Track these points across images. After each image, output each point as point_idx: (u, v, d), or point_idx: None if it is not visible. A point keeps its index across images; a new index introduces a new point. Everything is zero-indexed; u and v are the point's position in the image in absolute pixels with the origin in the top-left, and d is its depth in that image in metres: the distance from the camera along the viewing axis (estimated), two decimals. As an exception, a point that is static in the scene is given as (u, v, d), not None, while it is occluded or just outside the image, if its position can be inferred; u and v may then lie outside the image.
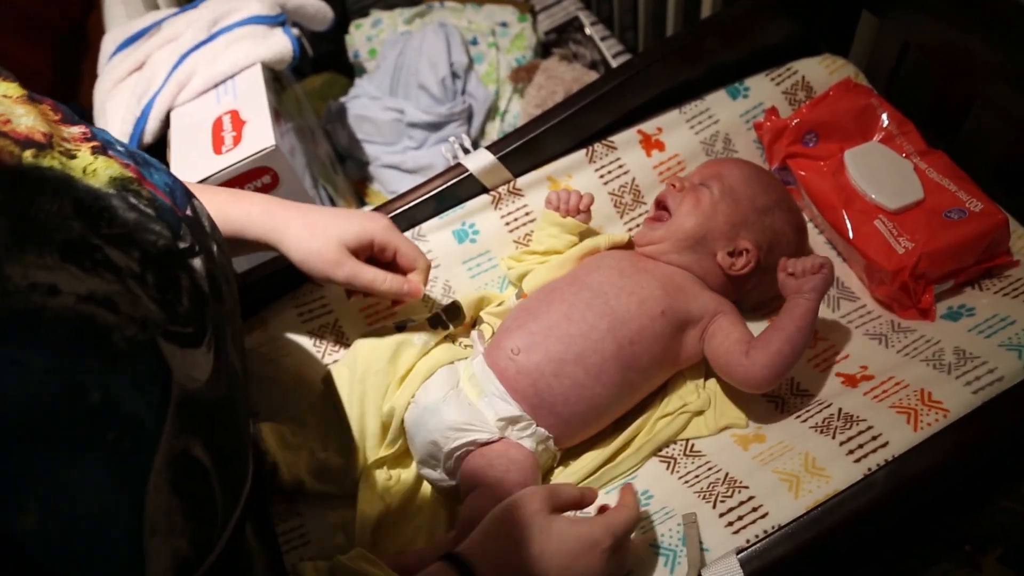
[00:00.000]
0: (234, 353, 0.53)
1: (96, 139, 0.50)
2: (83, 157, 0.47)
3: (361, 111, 1.29)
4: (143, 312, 0.42)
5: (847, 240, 0.83)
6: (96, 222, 0.42)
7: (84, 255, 0.40)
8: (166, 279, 0.45)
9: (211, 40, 1.03)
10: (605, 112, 0.91)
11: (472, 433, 0.70)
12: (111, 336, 0.39)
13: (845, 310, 0.85)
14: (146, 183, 0.50)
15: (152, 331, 0.42)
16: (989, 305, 0.77)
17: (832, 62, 0.95)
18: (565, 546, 0.58)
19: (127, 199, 0.46)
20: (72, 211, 0.41)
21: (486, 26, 1.41)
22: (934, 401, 0.67)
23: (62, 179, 0.43)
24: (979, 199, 0.80)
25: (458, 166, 0.88)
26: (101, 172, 0.46)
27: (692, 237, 0.79)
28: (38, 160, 0.43)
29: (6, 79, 0.48)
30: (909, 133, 0.88)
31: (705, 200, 0.79)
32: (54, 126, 0.47)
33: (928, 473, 0.62)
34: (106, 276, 0.40)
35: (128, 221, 0.44)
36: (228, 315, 0.53)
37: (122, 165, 0.49)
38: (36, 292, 0.36)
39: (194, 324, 0.46)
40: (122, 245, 0.43)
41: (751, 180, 0.82)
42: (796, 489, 0.66)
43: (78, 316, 0.38)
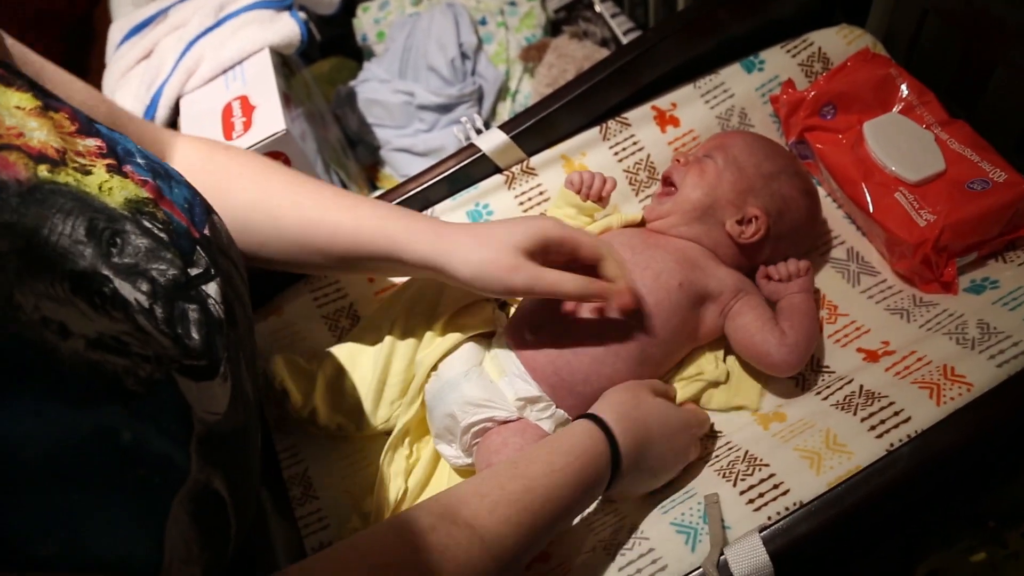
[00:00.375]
0: (247, 379, 0.53)
1: (113, 154, 0.49)
2: (98, 174, 0.46)
3: (371, 95, 1.29)
4: (155, 348, 0.41)
5: (867, 214, 0.82)
6: (107, 248, 0.42)
7: (93, 288, 0.40)
8: (175, 313, 0.44)
9: (218, 26, 1.02)
10: (618, 88, 0.90)
11: (490, 410, 0.70)
12: (123, 382, 0.39)
13: (866, 285, 0.84)
14: (163, 202, 0.49)
15: (167, 366, 0.42)
16: (1013, 277, 0.75)
17: (849, 32, 0.94)
18: (671, 420, 0.67)
19: (141, 223, 0.46)
20: (84, 234, 0.41)
21: (494, 5, 1.39)
22: (957, 375, 0.66)
23: (77, 197, 0.42)
24: (1003, 169, 0.79)
25: (471, 146, 0.87)
26: (116, 192, 0.46)
27: (699, 207, 0.79)
28: (54, 175, 0.42)
29: (20, 89, 0.47)
30: (929, 103, 0.87)
31: (710, 170, 0.79)
32: (68, 139, 0.47)
33: (953, 448, 0.61)
34: (115, 315, 0.40)
35: (140, 248, 0.44)
36: (242, 339, 0.53)
37: (138, 183, 0.48)
38: (48, 330, 0.36)
39: (207, 356, 0.46)
40: (131, 277, 0.42)
41: (754, 148, 0.81)
42: (818, 466, 0.65)
43: (88, 366, 0.37)
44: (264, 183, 0.68)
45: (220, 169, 0.68)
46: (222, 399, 0.46)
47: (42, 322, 0.36)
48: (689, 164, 0.81)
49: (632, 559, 0.65)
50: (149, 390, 0.40)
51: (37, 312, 0.36)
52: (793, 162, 0.84)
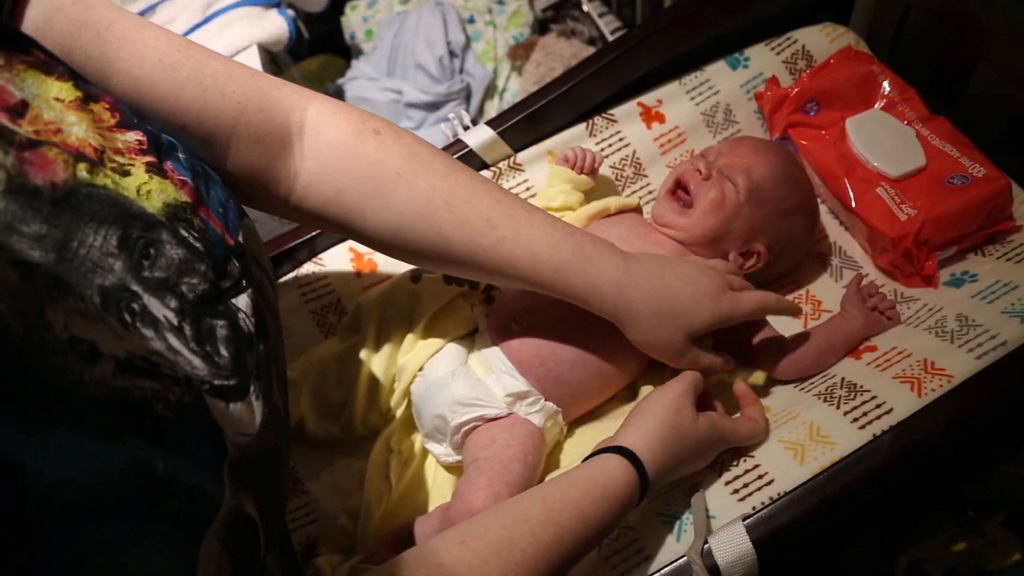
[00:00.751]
0: (279, 394, 0.51)
1: (155, 148, 0.47)
2: (137, 174, 0.44)
3: (359, 92, 1.29)
4: (185, 369, 0.40)
5: (849, 209, 0.83)
6: (139, 260, 0.41)
7: (124, 303, 0.39)
8: (203, 329, 0.43)
9: (206, 23, 1.02)
10: (604, 85, 0.90)
11: (480, 408, 0.70)
12: (154, 408, 0.37)
13: (848, 279, 0.85)
14: (201, 208, 0.47)
15: (197, 389, 0.40)
16: (992, 271, 0.77)
17: (832, 30, 0.95)
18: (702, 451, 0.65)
19: (177, 231, 0.44)
20: (116, 245, 0.40)
21: (482, 4, 1.40)
22: (937, 369, 0.67)
23: (113, 203, 0.41)
24: (982, 164, 0.80)
25: (458, 142, 0.88)
26: (155, 196, 0.44)
27: (710, 237, 0.78)
28: (93, 177, 0.41)
29: (60, 77, 0.44)
30: (911, 100, 0.88)
31: (730, 200, 0.77)
32: (108, 135, 0.44)
33: (933, 436, 0.62)
34: (145, 333, 0.39)
35: (173, 260, 0.42)
36: (272, 352, 0.51)
37: (178, 185, 0.46)
38: (75, 355, 0.34)
39: (237, 375, 0.44)
40: (160, 292, 0.41)
41: (779, 181, 0.79)
42: (802, 457, 0.66)
43: (116, 395, 0.36)
44: (430, 192, 0.60)
45: (373, 163, 0.59)
46: (254, 419, 0.44)
47: (70, 344, 0.34)
48: (711, 181, 0.77)
49: (617, 549, 0.65)
50: (179, 415, 0.38)
51: (66, 332, 0.34)
52: (810, 197, 0.83)
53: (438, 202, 0.60)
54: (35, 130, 0.40)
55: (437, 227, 0.60)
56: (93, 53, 0.48)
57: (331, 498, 0.77)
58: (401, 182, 0.59)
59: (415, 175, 0.59)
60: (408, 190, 0.59)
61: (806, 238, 0.83)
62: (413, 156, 0.60)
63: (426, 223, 0.60)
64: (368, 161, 0.59)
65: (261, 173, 0.58)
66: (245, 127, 0.55)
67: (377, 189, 0.59)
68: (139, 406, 0.37)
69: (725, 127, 0.94)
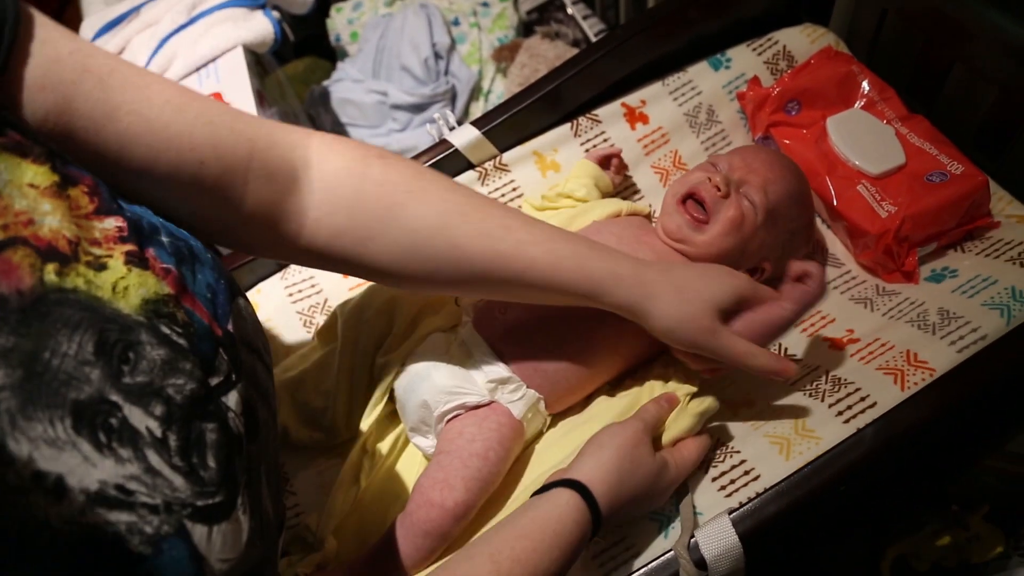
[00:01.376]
0: (267, 496, 0.48)
1: (135, 235, 0.44)
2: (115, 268, 0.41)
3: (344, 94, 1.29)
4: (165, 493, 0.38)
5: (831, 207, 0.84)
6: (119, 366, 0.38)
7: (100, 420, 0.36)
8: (191, 437, 0.40)
9: (191, 23, 1.02)
10: (589, 85, 0.91)
11: (462, 396, 0.70)
12: (127, 544, 0.35)
13: (830, 276, 0.86)
14: (185, 297, 0.44)
15: (178, 515, 0.38)
16: (971, 266, 0.78)
17: (813, 31, 0.96)
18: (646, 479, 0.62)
19: (158, 329, 0.41)
20: (92, 353, 0.37)
21: (467, 6, 1.41)
22: (920, 361, 0.68)
23: (86, 307, 0.38)
24: (960, 162, 0.81)
25: (443, 142, 0.88)
26: (133, 292, 0.41)
27: (724, 258, 0.76)
28: (62, 280, 0.38)
29: (37, 160, 0.41)
30: (890, 99, 0.89)
31: (748, 222, 0.75)
32: (85, 224, 0.42)
33: (915, 428, 0.63)
34: (122, 453, 0.36)
35: (155, 362, 0.40)
36: (263, 449, 0.49)
37: (160, 275, 0.43)
38: (39, 491, 0.32)
39: (225, 489, 0.41)
40: (143, 399, 0.38)
41: (793, 200, 0.78)
42: (787, 451, 0.66)
43: (85, 534, 0.33)
44: (442, 205, 0.59)
45: (381, 183, 0.59)
46: (239, 538, 0.42)
47: (34, 479, 0.32)
48: (728, 199, 0.75)
49: (605, 547, 0.66)
50: (157, 549, 0.36)
51: (29, 467, 0.32)
52: (813, 212, 0.84)
53: (452, 213, 0.59)
54: (3, 224, 0.37)
55: (453, 239, 0.59)
56: (99, 97, 0.47)
57: (320, 500, 0.76)
58: (412, 199, 0.58)
59: (425, 191, 0.59)
60: (420, 206, 0.59)
61: (804, 248, 0.84)
62: (420, 175, 0.60)
63: (442, 237, 0.59)
64: (376, 183, 0.58)
65: (274, 211, 0.57)
66: (259, 163, 0.54)
67: (389, 209, 0.58)
68: (112, 543, 0.34)
69: (708, 127, 0.94)
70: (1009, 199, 0.83)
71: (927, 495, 0.86)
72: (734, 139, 0.95)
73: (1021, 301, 0.70)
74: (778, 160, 0.81)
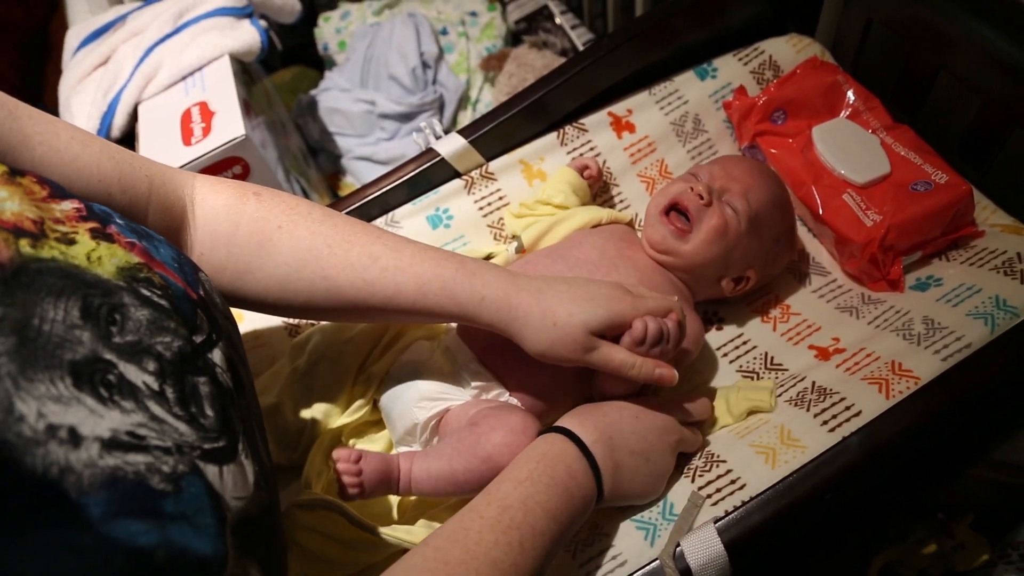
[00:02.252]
0: (263, 449, 0.49)
1: (93, 215, 0.45)
2: (83, 242, 0.42)
3: (332, 103, 1.29)
4: (173, 437, 0.39)
5: (817, 215, 0.84)
6: (107, 328, 0.39)
7: (98, 377, 0.37)
8: (186, 389, 0.42)
9: (177, 32, 1.02)
10: (575, 94, 0.91)
11: (447, 401, 0.70)
12: (149, 482, 0.36)
13: (816, 284, 0.86)
14: (156, 264, 0.45)
15: (190, 456, 0.39)
16: (956, 275, 0.78)
17: (798, 41, 0.96)
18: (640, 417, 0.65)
19: (139, 291, 0.42)
20: (79, 316, 0.38)
21: (455, 16, 1.41)
22: (905, 370, 0.69)
23: (66, 274, 0.38)
24: (944, 171, 0.82)
25: (430, 151, 0.88)
26: (107, 261, 0.42)
27: (709, 267, 0.77)
28: (38, 251, 0.38)
29: None
30: (875, 109, 0.90)
31: (732, 229, 0.76)
32: (44, 206, 0.42)
33: (900, 437, 0.63)
34: (125, 405, 0.37)
35: (141, 322, 0.41)
36: (250, 406, 0.50)
37: (126, 247, 0.44)
38: (55, 440, 0.33)
39: (226, 435, 0.43)
40: (136, 357, 0.39)
41: (774, 207, 0.79)
42: (773, 460, 0.66)
43: (109, 475, 0.34)
44: (310, 239, 0.61)
45: (255, 220, 0.61)
46: (247, 479, 0.43)
47: (48, 432, 0.33)
48: (712, 208, 0.76)
49: (592, 555, 0.65)
50: (177, 486, 0.37)
51: (42, 420, 0.33)
52: (794, 218, 0.84)
53: (320, 246, 0.61)
54: None
55: (323, 271, 0.61)
56: (10, 127, 0.48)
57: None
58: (283, 233, 0.61)
59: (295, 225, 0.61)
60: (290, 239, 0.61)
61: (788, 255, 0.84)
62: (292, 209, 0.62)
63: (311, 269, 0.61)
64: (251, 219, 0.61)
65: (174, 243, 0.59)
66: (156, 198, 0.57)
67: (262, 244, 0.61)
68: (135, 483, 0.35)
69: (694, 136, 0.95)
70: (993, 208, 0.84)
71: (913, 504, 0.86)
72: (720, 148, 0.95)
73: (1005, 310, 0.70)
74: (757, 167, 0.82)
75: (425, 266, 0.62)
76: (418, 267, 0.62)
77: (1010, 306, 0.70)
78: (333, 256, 0.61)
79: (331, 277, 0.61)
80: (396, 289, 0.61)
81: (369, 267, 0.61)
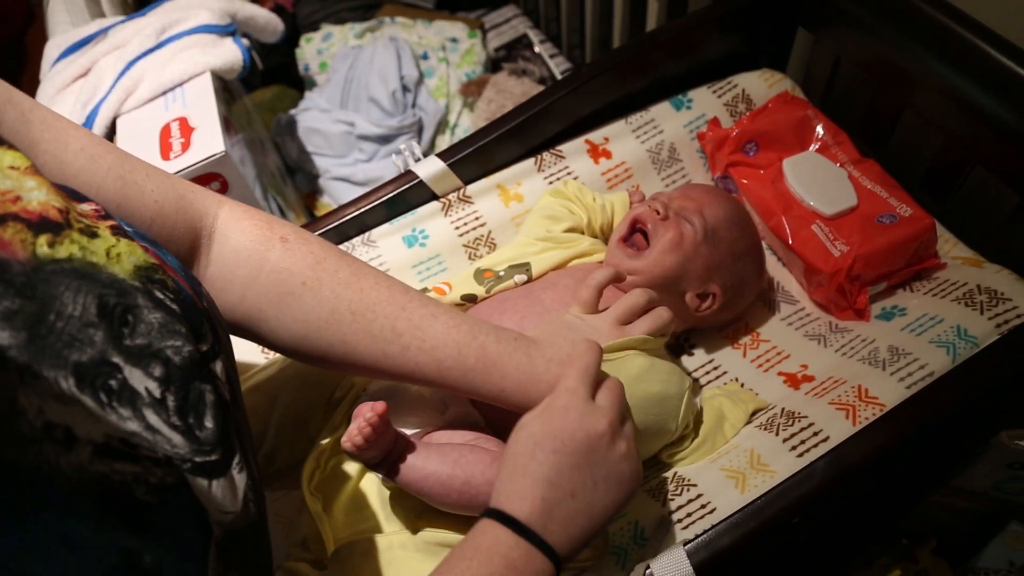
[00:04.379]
0: (253, 459, 0.49)
1: (111, 217, 0.44)
2: (104, 236, 0.42)
3: (311, 124, 1.29)
4: (165, 448, 0.38)
5: (786, 245, 0.86)
6: (119, 330, 0.38)
7: (100, 381, 0.37)
8: (189, 397, 0.41)
9: (159, 48, 1.02)
10: (553, 121, 0.93)
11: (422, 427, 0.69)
12: (134, 493, 0.36)
13: (785, 313, 0.88)
14: (168, 269, 0.45)
15: (178, 469, 0.39)
16: (919, 305, 0.80)
17: (770, 76, 0.99)
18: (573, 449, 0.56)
19: (153, 293, 0.42)
20: (96, 314, 0.38)
21: (436, 41, 1.43)
22: (871, 397, 0.70)
23: (82, 275, 0.38)
24: (908, 205, 0.84)
25: (408, 173, 0.88)
26: (125, 258, 0.42)
27: (669, 277, 0.78)
28: (55, 251, 0.38)
29: (10, 147, 0.42)
30: (843, 143, 0.92)
31: (688, 239, 0.78)
32: (68, 201, 0.42)
33: (865, 460, 0.64)
34: (122, 411, 0.37)
35: (153, 325, 0.40)
36: (243, 422, 0.49)
37: (143, 249, 0.44)
38: (51, 441, 0.33)
39: (221, 447, 0.42)
40: (143, 361, 0.39)
41: (732, 223, 0.81)
42: (743, 485, 0.67)
43: (96, 481, 0.34)
44: (334, 302, 0.59)
45: (279, 271, 0.59)
46: (236, 494, 0.43)
47: (45, 430, 0.32)
48: (668, 221, 0.78)
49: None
50: (162, 499, 0.37)
51: (41, 417, 0.32)
52: (758, 242, 0.86)
53: (343, 311, 0.59)
54: None
55: (342, 336, 0.60)
56: (19, 130, 0.47)
57: (275, 528, 0.75)
58: (307, 291, 0.59)
59: (320, 284, 0.59)
60: (313, 299, 0.59)
61: (756, 282, 0.86)
62: (319, 264, 0.60)
63: (331, 332, 0.60)
64: (273, 270, 0.59)
65: None
66: (159, 227, 0.55)
67: (282, 297, 0.59)
68: (119, 493, 0.35)
69: (670, 164, 0.97)
70: (955, 241, 0.87)
71: (878, 529, 0.88)
72: (694, 177, 0.97)
73: (966, 339, 0.72)
74: (715, 191, 0.85)
75: (447, 351, 0.61)
76: (440, 352, 0.61)
77: (970, 336, 0.73)
78: (355, 324, 0.60)
79: (350, 344, 0.60)
80: (415, 368, 0.61)
81: (391, 342, 0.60)
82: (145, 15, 1.07)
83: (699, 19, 0.96)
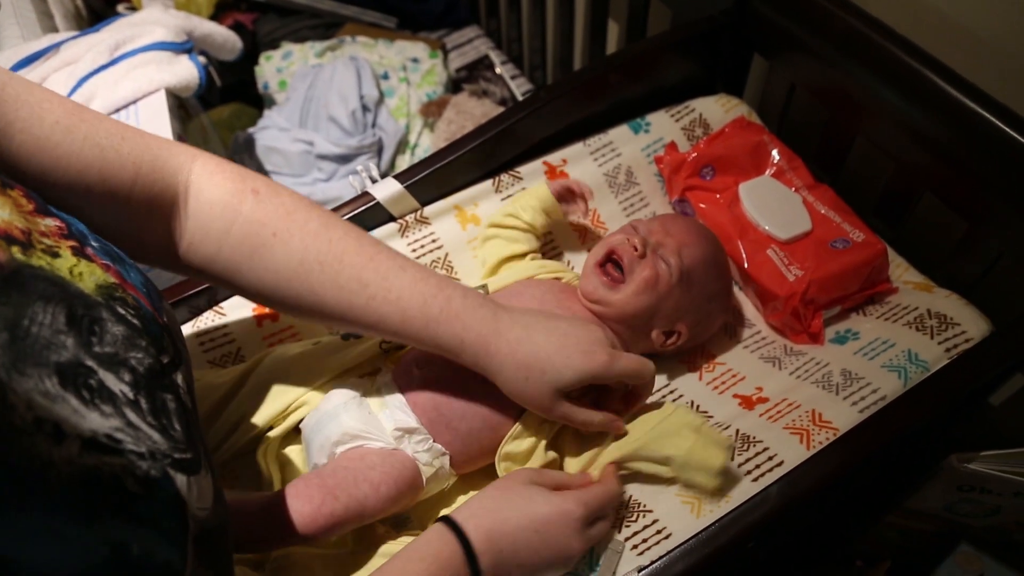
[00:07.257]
0: (215, 468, 0.50)
1: (72, 235, 0.46)
2: (66, 256, 0.43)
3: (270, 142, 1.28)
4: (147, 443, 0.40)
5: (742, 269, 0.87)
6: (88, 337, 0.40)
7: (81, 380, 0.38)
8: (156, 403, 0.43)
9: (113, 64, 1.00)
10: (512, 143, 0.92)
11: (368, 441, 0.68)
12: (124, 483, 0.37)
13: (741, 335, 0.89)
14: (128, 286, 0.47)
15: (161, 462, 0.40)
16: (872, 329, 0.81)
17: (727, 101, 1.00)
18: (538, 512, 0.62)
19: (115, 309, 0.43)
20: (65, 323, 0.39)
21: (397, 61, 1.42)
22: (824, 421, 0.71)
23: (54, 283, 0.40)
24: (861, 230, 0.86)
25: (365, 194, 0.87)
26: (87, 277, 0.43)
27: (640, 316, 0.78)
28: (28, 258, 0.39)
29: None
30: (798, 168, 0.94)
31: (663, 281, 0.77)
32: (30, 219, 0.43)
33: (818, 485, 0.65)
34: (105, 408, 0.39)
35: (117, 337, 0.42)
36: (204, 431, 0.51)
37: (103, 268, 0.45)
38: (42, 435, 0.34)
39: (191, 448, 0.44)
40: (114, 367, 0.41)
41: (708, 265, 0.80)
42: (698, 510, 0.67)
43: (86, 473, 0.35)
44: (302, 253, 0.61)
45: (250, 222, 0.61)
46: (208, 492, 0.44)
47: (35, 424, 0.34)
48: (646, 260, 0.77)
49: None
50: (149, 490, 0.38)
51: (30, 412, 0.34)
52: (731, 279, 0.86)
53: (311, 262, 0.61)
54: None
55: (311, 286, 0.62)
56: None
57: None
58: (277, 242, 0.61)
59: (290, 235, 0.61)
60: (283, 249, 0.61)
61: (722, 316, 0.86)
62: (289, 215, 0.62)
63: (300, 282, 0.62)
64: (246, 221, 0.61)
65: (157, 232, 0.59)
66: (142, 187, 0.56)
67: (254, 249, 0.61)
68: (109, 483, 0.36)
69: (627, 188, 0.97)
70: (906, 266, 0.88)
71: (833, 551, 0.88)
72: (651, 201, 0.98)
73: (916, 364, 0.74)
74: (695, 227, 0.83)
75: (412, 301, 0.62)
76: (405, 302, 0.62)
77: (921, 360, 0.74)
78: (323, 275, 0.61)
79: (319, 294, 0.62)
80: (380, 318, 0.63)
81: (357, 292, 0.62)
82: (99, 31, 1.05)
83: (658, 43, 0.97)
